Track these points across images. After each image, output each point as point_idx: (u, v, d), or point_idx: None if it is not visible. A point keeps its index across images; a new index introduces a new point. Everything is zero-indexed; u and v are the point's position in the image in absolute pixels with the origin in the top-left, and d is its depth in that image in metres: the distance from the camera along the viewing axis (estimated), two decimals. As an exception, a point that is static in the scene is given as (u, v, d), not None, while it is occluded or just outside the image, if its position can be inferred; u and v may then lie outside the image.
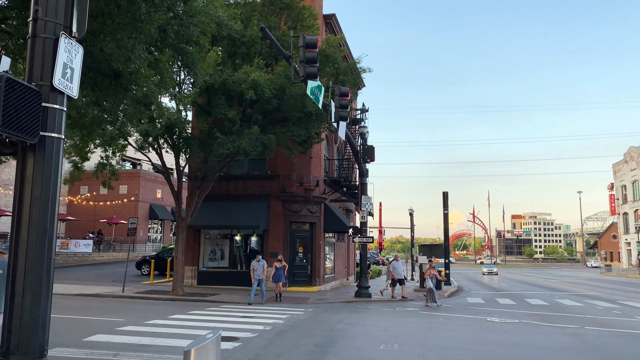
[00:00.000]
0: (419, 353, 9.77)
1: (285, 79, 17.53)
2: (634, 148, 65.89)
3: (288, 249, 23.56)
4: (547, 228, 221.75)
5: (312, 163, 23.90)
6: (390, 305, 19.11)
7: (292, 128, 18.77)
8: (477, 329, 13.38)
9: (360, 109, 26.06)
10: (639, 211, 64.47)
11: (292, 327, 12.86)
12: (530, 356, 9.64)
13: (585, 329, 13.55)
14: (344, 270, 30.20)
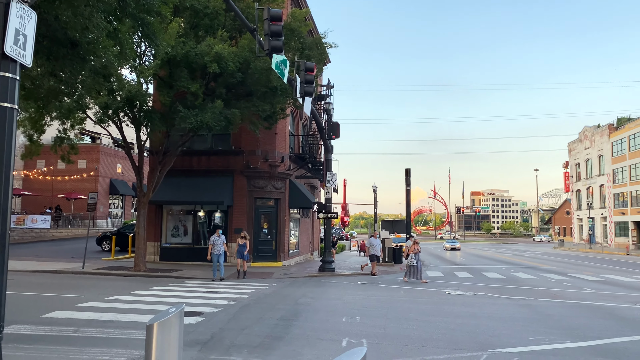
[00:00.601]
0: (380, 325, 10.02)
1: (249, 53, 17.25)
2: (588, 128, 68.16)
3: (253, 225, 23.54)
4: (505, 204, 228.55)
5: (277, 139, 23.78)
6: (353, 279, 19.44)
7: (256, 103, 18.56)
8: (437, 301, 13.80)
9: (326, 85, 25.96)
10: (591, 188, 67.11)
11: (257, 301, 12.94)
12: (485, 326, 10.03)
13: (539, 301, 14.15)
14: (309, 245, 30.45)
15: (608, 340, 8.87)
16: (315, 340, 8.54)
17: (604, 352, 8.02)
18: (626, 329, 9.89)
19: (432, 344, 8.35)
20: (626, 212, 56.96)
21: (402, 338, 8.80)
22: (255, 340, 8.42)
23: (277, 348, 7.96)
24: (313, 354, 7.61)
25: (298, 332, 9.14)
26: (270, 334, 8.99)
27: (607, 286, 18.48)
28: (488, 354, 7.69)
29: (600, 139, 63.60)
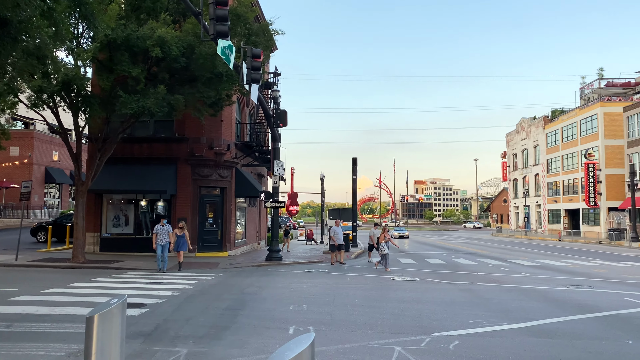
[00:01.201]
0: (327, 311, 10.11)
1: (194, 37, 16.80)
2: (525, 119, 71.20)
3: (197, 214, 23.11)
4: (446, 193, 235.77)
5: (222, 126, 23.37)
6: (300, 268, 19.51)
7: (201, 89, 18.12)
8: (382, 287, 14.08)
9: (273, 72, 25.69)
10: (527, 177, 70.29)
11: (202, 292, 12.75)
12: (428, 311, 10.33)
13: (478, 285, 14.72)
14: (256, 235, 30.26)
15: (541, 321, 9.34)
16: (262, 329, 8.52)
17: (537, 332, 8.45)
18: (558, 310, 10.45)
19: (378, 329, 8.52)
20: (559, 200, 60.09)
21: (349, 324, 8.93)
22: (201, 331, 8.30)
23: (224, 338, 7.88)
24: (260, 342, 7.59)
25: (245, 322, 9.08)
26: (216, 324, 8.89)
27: (541, 270, 19.46)
28: (431, 337, 7.93)
29: (536, 130, 66.59)
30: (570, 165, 57.07)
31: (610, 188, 49.90)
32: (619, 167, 49.37)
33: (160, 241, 16.86)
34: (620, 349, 7.32)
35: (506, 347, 7.43)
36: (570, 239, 49.81)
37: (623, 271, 19.15)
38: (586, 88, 64.61)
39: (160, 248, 16.81)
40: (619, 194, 49.17)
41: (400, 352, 6.99)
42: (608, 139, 50.27)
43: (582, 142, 54.10)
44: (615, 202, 49.05)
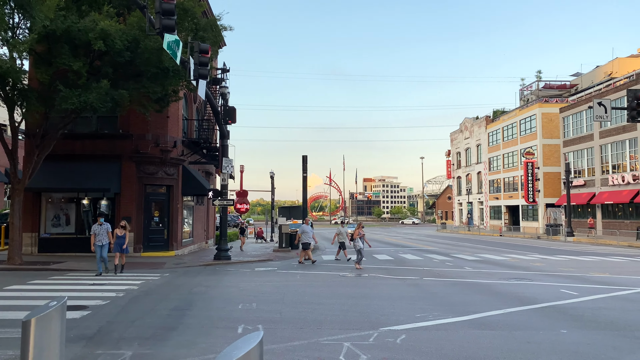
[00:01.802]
0: (277, 310, 10.09)
1: (139, 31, 16.31)
2: (468, 119, 73.56)
3: (143, 213, 22.49)
4: (394, 190, 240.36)
5: (169, 123, 22.84)
6: (250, 267, 19.37)
7: (147, 84, 17.61)
8: (331, 283, 14.19)
9: (221, 69, 25.32)
10: (470, 175, 72.66)
11: (147, 292, 12.44)
12: (376, 306, 10.50)
13: (424, 280, 15.10)
14: (203, 234, 29.78)
15: (484, 314, 9.69)
16: (210, 329, 8.40)
17: (480, 324, 8.76)
18: (499, 303, 10.88)
19: (327, 326, 8.58)
20: (500, 197, 62.47)
21: (298, 321, 8.95)
22: (147, 332, 8.09)
23: (171, 338, 7.72)
24: (208, 342, 7.49)
25: (192, 322, 8.93)
26: (163, 324, 8.69)
27: (484, 264, 20.18)
28: (379, 332, 8.06)
29: (479, 130, 68.92)
30: (511, 164, 59.43)
31: (547, 185, 52.37)
32: (556, 166, 51.88)
33: (98, 241, 15.86)
34: (556, 338, 7.70)
35: (451, 339, 7.66)
36: (510, 234, 51.90)
37: (559, 264, 20.14)
38: (525, 90, 67.45)
39: (99, 249, 15.79)
40: (555, 191, 51.69)
41: (349, 348, 7.08)
42: (546, 138, 52.68)
43: (522, 141, 56.45)
44: (552, 198, 51.53)
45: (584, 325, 8.63)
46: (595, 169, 44.56)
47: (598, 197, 43.16)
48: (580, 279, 15.11)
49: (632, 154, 40.07)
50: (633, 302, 11.01)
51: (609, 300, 11.33)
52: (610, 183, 41.83)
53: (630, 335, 7.87)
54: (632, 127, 38.97)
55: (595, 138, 44.48)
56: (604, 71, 57.20)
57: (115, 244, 16.19)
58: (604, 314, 9.61)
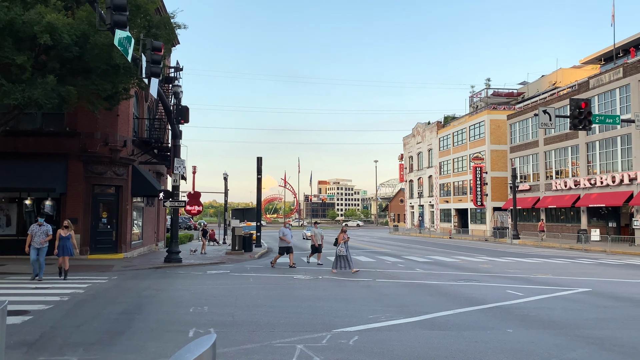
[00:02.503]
0: (229, 313, 9.96)
1: (89, 26, 15.74)
2: (420, 124, 75.15)
3: (90, 214, 21.73)
4: (348, 193, 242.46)
5: (119, 121, 22.18)
6: (201, 269, 19.04)
7: (96, 81, 17.03)
8: (285, 286, 14.14)
9: (175, 67, 24.84)
10: (421, 179, 74.20)
11: (94, 296, 12.02)
12: (329, 308, 10.54)
13: (376, 281, 15.28)
14: (154, 236, 29.07)
15: (434, 314, 9.91)
16: (160, 333, 8.20)
17: (430, 325, 8.95)
18: (449, 304, 11.14)
19: (280, 328, 8.54)
20: (450, 201, 64.10)
21: (251, 324, 8.86)
22: (93, 337, 7.81)
23: (118, 343, 7.48)
24: (157, 346, 7.30)
25: (141, 326, 8.69)
26: (111, 329, 8.42)
27: (434, 266, 20.63)
28: (331, 334, 8.09)
29: (430, 135, 70.52)
30: (460, 168, 61.11)
31: (495, 189, 54.14)
32: (503, 171, 53.72)
33: (35, 243, 14.54)
34: (503, 338, 7.96)
35: (402, 340, 7.79)
36: (459, 236, 53.32)
37: (505, 266, 20.84)
38: (475, 97, 69.54)
39: (35, 252, 14.49)
40: (502, 195, 53.51)
41: (302, 350, 7.07)
42: (494, 144, 54.49)
43: (471, 146, 58.16)
44: (499, 202, 53.32)
45: (528, 325, 8.95)
46: (540, 174, 46.43)
47: (542, 202, 44.98)
48: (525, 280, 15.68)
49: (573, 161, 42.00)
50: (574, 302, 11.53)
51: (551, 300, 11.81)
52: (554, 188, 43.69)
53: (571, 334, 8.23)
54: (574, 135, 40.87)
55: (540, 145, 46.36)
56: (548, 80, 59.75)
57: (58, 247, 14.89)
58: (547, 314, 10.01)
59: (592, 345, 7.47)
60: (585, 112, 20.13)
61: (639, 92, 34.50)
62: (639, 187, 34.02)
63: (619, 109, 36.19)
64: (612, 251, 29.15)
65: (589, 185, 39.03)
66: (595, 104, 38.09)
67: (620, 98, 36.43)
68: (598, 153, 38.92)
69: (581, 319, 9.50)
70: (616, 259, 24.55)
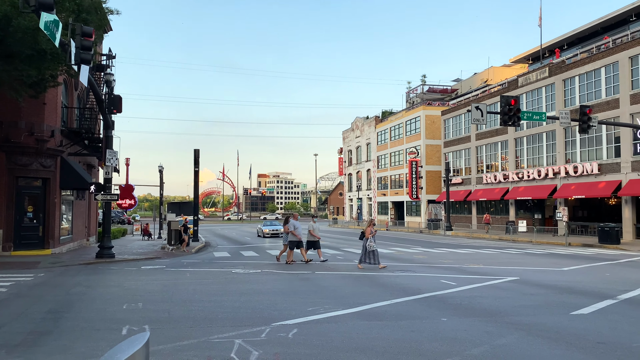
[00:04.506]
0: (164, 309, 9.68)
1: (11, 7, 14.71)
2: (359, 118, 76.19)
3: (14, 208, 20.47)
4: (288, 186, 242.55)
5: (46, 110, 20.97)
6: (135, 265, 18.40)
7: (20, 66, 15.96)
8: (223, 280, 13.92)
9: (107, 55, 23.75)
10: (360, 173, 75.34)
11: (18, 294, 11.33)
12: (268, 301, 10.48)
13: (316, 274, 15.35)
14: (84, 230, 27.79)
15: (372, 305, 10.07)
16: (90, 331, 7.84)
17: (368, 315, 9.09)
18: (386, 294, 11.37)
19: (218, 324, 8.39)
20: (387, 194, 65.51)
21: (188, 320, 8.65)
22: (16, 338, 7.35)
23: (44, 344, 7.08)
24: (88, 346, 6.97)
25: (70, 325, 8.28)
26: (36, 329, 7.96)
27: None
28: (270, 328, 8.04)
29: (369, 129, 71.66)
30: (397, 162, 62.56)
31: (429, 183, 55.86)
32: (437, 165, 55.50)
33: None
34: (437, 326, 8.21)
35: (341, 331, 7.86)
36: (396, 228, 54.65)
37: (439, 256, 21.55)
38: (411, 92, 71.30)
39: None
40: (436, 188, 55.31)
41: (240, 345, 6.97)
42: (429, 139, 56.15)
43: (407, 141, 59.64)
44: (434, 195, 55.09)
45: (461, 313, 9.29)
46: (472, 168, 48.33)
47: (474, 194, 46.88)
48: (458, 270, 16.28)
49: (503, 155, 44.02)
50: (504, 290, 12.08)
51: (482, 289, 12.32)
52: (485, 181, 45.62)
53: (500, 321, 8.61)
54: (504, 131, 42.81)
55: (472, 140, 48.22)
56: (480, 78, 62.19)
57: None
58: (479, 302, 10.43)
59: (520, 331, 7.85)
60: (514, 108, 21.07)
61: (562, 91, 36.61)
62: (562, 181, 36.18)
63: (545, 106, 38.25)
64: (538, 241, 30.86)
65: (517, 179, 41.05)
66: (523, 102, 40.08)
67: (546, 96, 38.52)
68: (526, 148, 41.00)
69: (510, 307, 9.96)
70: (541, 249, 25.99)
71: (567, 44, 47.82)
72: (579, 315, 9.14)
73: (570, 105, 35.52)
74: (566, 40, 47.64)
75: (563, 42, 48.08)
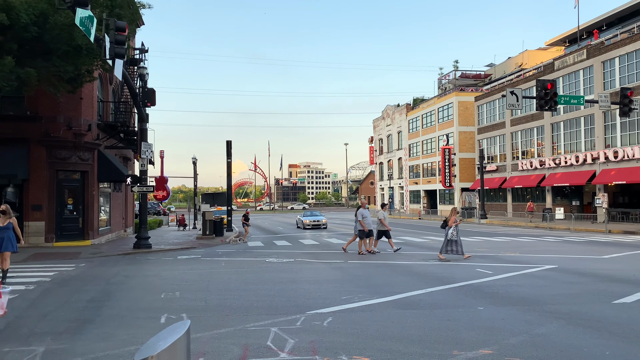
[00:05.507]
0: (202, 298, 9.85)
1: (48, 5, 15.12)
2: (390, 106, 75.46)
3: (55, 201, 21.14)
4: (319, 176, 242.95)
5: (82, 104, 21.50)
6: (172, 255, 18.79)
7: (57, 62, 16.40)
8: (257, 270, 14.07)
9: (140, 49, 24.14)
10: (391, 161, 74.77)
11: (61, 284, 11.72)
12: (303, 290, 10.54)
13: (348, 263, 15.36)
14: (122, 222, 28.51)
15: (407, 294, 10.01)
16: (130, 320, 8.04)
17: (403, 304, 9.04)
18: (420, 283, 11.28)
19: (254, 312, 8.49)
20: (419, 182, 64.86)
21: (224, 309, 8.78)
22: (61, 326, 7.60)
23: (87, 332, 7.30)
24: (128, 333, 7.16)
25: (111, 313, 8.51)
26: (79, 317, 8.21)
27: (404, 247, 20.85)
28: (305, 316, 8.08)
29: (400, 117, 70.92)
30: (429, 150, 61.78)
31: (463, 170, 55.01)
32: (471, 152, 54.55)
33: None
34: (473, 315, 8.10)
35: (376, 320, 7.84)
36: (428, 217, 54.11)
37: (474, 245, 21.23)
38: (443, 79, 70.13)
39: None
40: (470, 176, 54.42)
41: (276, 333, 7.04)
42: (462, 125, 55.20)
43: (440, 128, 58.78)
44: (467, 183, 54.24)
45: (498, 302, 9.13)
46: (507, 155, 47.33)
47: (509, 182, 45.94)
48: (493, 259, 16.01)
49: (539, 141, 42.93)
50: (542, 279, 11.82)
51: (520, 277, 12.09)
52: (520, 168, 44.63)
53: (539, 310, 8.43)
54: (540, 116, 41.71)
55: (506, 126, 47.16)
56: (515, 62, 60.64)
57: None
58: (516, 291, 10.23)
59: (559, 320, 7.66)
60: (551, 93, 20.49)
61: (602, 73, 35.36)
62: (601, 167, 35.07)
63: (582, 89, 37.06)
64: (576, 229, 30.08)
65: (553, 165, 40.01)
66: (560, 85, 38.91)
67: (583, 79, 37.28)
68: (562, 133, 39.87)
69: (548, 295, 9.74)
70: (579, 236, 25.33)
71: (605, 24, 46.10)
72: (621, 304, 8.87)
73: (609, 88, 34.29)
74: (605, 20, 45.94)
75: (602, 23, 46.37)
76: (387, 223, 18.65)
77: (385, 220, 18.58)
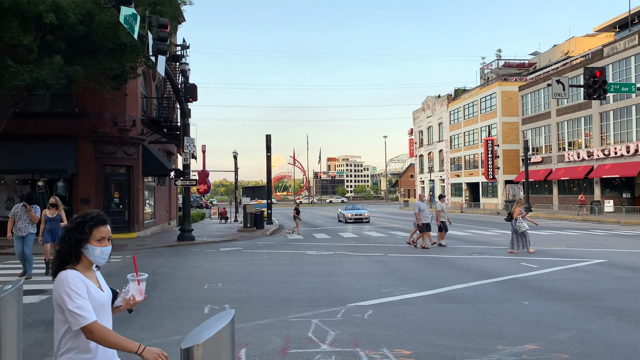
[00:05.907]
0: (243, 289, 10.00)
1: (94, 4, 15.57)
2: (430, 97, 74.31)
3: (102, 194, 21.86)
4: (357, 169, 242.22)
5: (127, 100, 22.11)
6: (214, 247, 19.15)
7: (103, 60, 16.90)
8: (297, 262, 14.17)
9: (181, 45, 24.61)
10: (432, 153, 73.73)
11: (109, 275, 12.10)
12: (343, 283, 10.54)
13: (389, 256, 15.27)
14: (166, 215, 29.24)
15: (449, 287, 9.86)
16: (175, 310, 8.24)
17: (445, 298, 8.91)
18: (463, 277, 11.09)
19: (295, 303, 8.55)
20: (460, 175, 63.71)
21: (266, 300, 8.89)
22: (110, 315, 7.86)
23: (135, 321, 7.52)
24: (174, 323, 7.34)
25: (156, 303, 8.75)
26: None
27: (446, 240, 20.51)
28: (346, 309, 8.09)
29: (440, 108, 69.76)
30: (471, 142, 60.55)
31: (506, 162, 53.67)
32: (515, 143, 53.14)
33: (18, 230, 11.19)
34: (518, 310, 7.91)
35: (417, 313, 7.76)
36: (471, 210, 53.15)
37: (518, 238, 20.69)
38: (486, 68, 68.48)
39: (19, 241, 11.22)
40: (514, 168, 53.04)
41: (317, 325, 7.07)
42: (505, 116, 53.81)
43: (482, 119, 57.49)
44: (511, 175, 52.90)
45: (544, 297, 8.89)
46: (552, 146, 45.88)
47: (555, 174, 44.55)
48: (539, 252, 15.56)
49: (587, 132, 41.41)
50: (589, 273, 11.43)
51: (566, 271, 11.72)
52: (566, 159, 43.20)
53: (587, 305, 8.15)
54: (587, 105, 40.20)
55: (552, 116, 45.69)
56: (561, 50, 58.58)
57: (45, 230, 11.63)
58: (563, 286, 9.93)
59: (610, 316, 7.39)
60: (599, 81, 19.67)
61: (654, 60, 33.73)
62: (653, 157, 33.52)
63: (634, 77, 35.46)
64: (626, 222, 28.90)
65: (602, 156, 38.53)
66: (609, 73, 37.34)
67: (635, 66, 35.67)
68: (612, 123, 38.31)
69: (597, 290, 9.41)
70: (630, 230, 24.33)
71: (659, 7, 43.91)
72: (678, 300, 8.47)
73: (663, 74, 32.68)
74: (658, 3, 43.70)
75: (655, 6, 44.18)
76: (444, 216, 18.40)
77: (442, 213, 18.33)
